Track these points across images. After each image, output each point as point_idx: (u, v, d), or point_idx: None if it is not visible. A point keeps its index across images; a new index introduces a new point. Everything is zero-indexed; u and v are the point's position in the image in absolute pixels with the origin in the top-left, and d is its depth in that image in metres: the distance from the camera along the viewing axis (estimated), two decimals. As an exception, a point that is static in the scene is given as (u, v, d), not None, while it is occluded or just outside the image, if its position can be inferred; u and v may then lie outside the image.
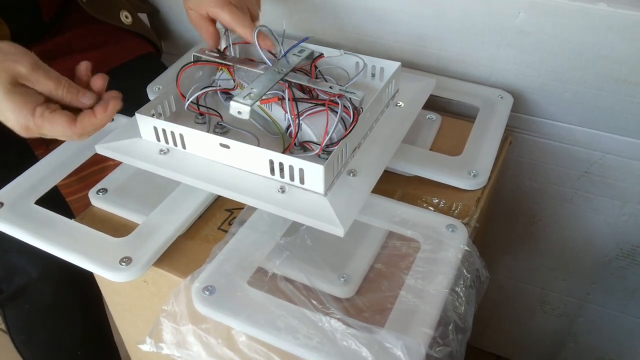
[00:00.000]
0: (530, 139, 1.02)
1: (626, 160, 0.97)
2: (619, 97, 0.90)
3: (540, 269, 1.21)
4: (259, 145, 0.67)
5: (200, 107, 0.77)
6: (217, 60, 0.79)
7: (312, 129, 0.71)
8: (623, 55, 0.85)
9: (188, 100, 0.76)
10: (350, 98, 0.71)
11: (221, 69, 0.81)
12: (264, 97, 0.70)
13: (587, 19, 0.84)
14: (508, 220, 1.16)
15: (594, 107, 0.93)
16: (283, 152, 0.68)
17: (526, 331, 1.36)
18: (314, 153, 0.70)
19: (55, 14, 0.99)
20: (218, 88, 0.80)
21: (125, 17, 1.05)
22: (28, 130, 0.60)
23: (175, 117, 0.79)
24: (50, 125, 0.61)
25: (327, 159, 0.65)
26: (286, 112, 0.71)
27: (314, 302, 0.63)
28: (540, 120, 0.99)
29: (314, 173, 0.64)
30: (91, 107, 0.66)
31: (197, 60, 0.80)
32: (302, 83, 0.75)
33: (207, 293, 0.63)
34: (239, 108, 0.67)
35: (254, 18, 0.83)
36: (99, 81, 0.68)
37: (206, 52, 0.81)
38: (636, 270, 1.11)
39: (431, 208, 0.77)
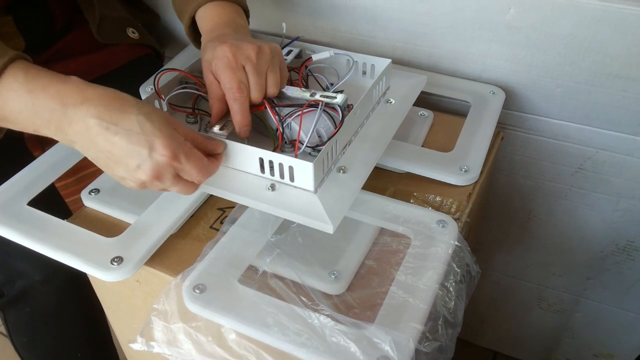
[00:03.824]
0: (523, 136, 1.02)
1: (620, 156, 0.97)
2: (611, 92, 0.90)
3: (536, 265, 1.21)
4: (248, 144, 0.67)
5: (183, 107, 0.78)
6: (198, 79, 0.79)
7: (302, 127, 0.71)
8: (614, 49, 0.85)
9: (165, 99, 0.76)
10: (327, 104, 0.72)
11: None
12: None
13: (578, 14, 0.84)
14: (503, 217, 1.16)
15: (586, 102, 0.93)
16: (273, 151, 0.68)
17: (523, 327, 1.36)
18: (300, 151, 0.70)
19: (66, 23, 1.00)
20: (194, 90, 0.80)
21: (132, 33, 1.05)
22: (174, 158, 0.60)
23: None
24: (195, 158, 0.62)
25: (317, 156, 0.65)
26: (274, 114, 0.71)
27: (303, 299, 0.63)
28: (533, 117, 0.99)
29: (304, 170, 0.64)
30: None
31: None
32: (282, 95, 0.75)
33: (198, 291, 0.64)
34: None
35: (271, 88, 0.72)
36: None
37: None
38: (632, 266, 1.11)
39: (423, 204, 0.77)
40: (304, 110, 0.71)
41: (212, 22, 0.80)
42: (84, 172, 0.94)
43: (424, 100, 0.97)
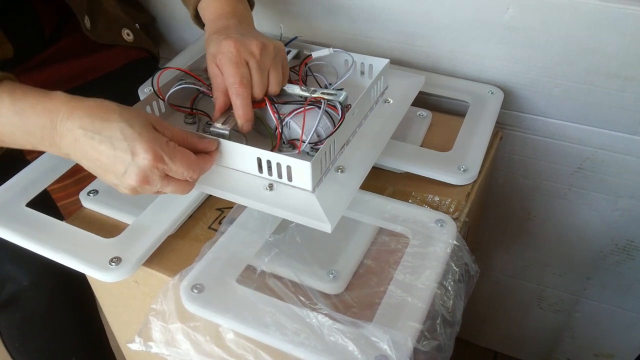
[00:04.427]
0: (521, 136, 1.02)
1: (619, 156, 0.97)
2: (609, 91, 0.90)
3: (536, 265, 1.21)
4: (246, 144, 0.67)
5: (182, 107, 0.78)
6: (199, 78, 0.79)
7: (301, 127, 0.71)
8: (612, 49, 0.85)
9: (166, 96, 0.76)
10: (328, 100, 0.72)
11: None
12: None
13: (576, 14, 0.84)
14: (502, 217, 1.16)
15: (584, 102, 0.93)
16: (271, 150, 0.68)
17: (523, 327, 1.36)
18: (302, 148, 0.70)
19: (56, 27, 0.99)
20: (188, 84, 0.79)
21: (127, 35, 1.05)
22: (158, 159, 0.60)
23: (165, 118, 0.79)
24: (182, 156, 0.62)
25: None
26: (274, 112, 0.71)
27: (302, 298, 0.63)
28: (531, 117, 0.99)
29: (302, 170, 0.64)
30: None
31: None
32: (282, 93, 0.75)
33: (196, 291, 0.64)
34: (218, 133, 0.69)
35: (273, 86, 0.73)
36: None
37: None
38: (631, 265, 1.10)
39: (422, 204, 0.77)
40: (306, 108, 0.71)
41: (216, 12, 0.81)
42: (82, 173, 0.94)
43: (423, 101, 0.98)
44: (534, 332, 1.36)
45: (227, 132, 0.69)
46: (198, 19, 0.87)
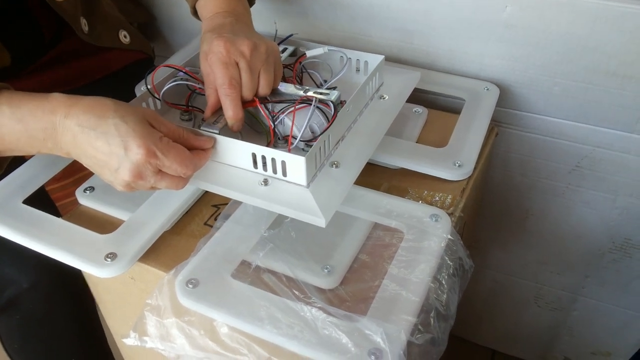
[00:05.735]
0: (519, 134, 1.02)
1: (617, 154, 0.97)
2: (608, 90, 0.90)
3: (534, 263, 1.21)
4: (241, 140, 0.67)
5: (177, 104, 0.78)
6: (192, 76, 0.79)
7: (295, 123, 0.71)
8: (612, 47, 0.85)
9: (161, 93, 0.76)
10: (320, 100, 0.72)
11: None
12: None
13: (575, 12, 0.84)
14: (500, 215, 1.16)
15: (583, 100, 0.93)
16: (266, 146, 0.69)
17: (521, 325, 1.36)
18: (293, 146, 0.70)
19: (55, 32, 1.00)
20: (183, 81, 0.79)
21: (124, 37, 1.05)
22: (150, 154, 0.60)
23: (160, 115, 0.79)
24: (176, 152, 0.62)
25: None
26: (263, 111, 0.71)
27: (296, 292, 0.63)
28: (530, 115, 0.99)
29: (296, 165, 0.64)
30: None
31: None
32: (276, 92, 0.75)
33: (191, 286, 0.64)
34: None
35: (263, 88, 0.72)
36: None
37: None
38: (629, 263, 1.10)
39: (417, 199, 0.77)
40: (297, 107, 0.71)
41: (213, 11, 0.81)
42: (81, 173, 0.94)
43: (419, 98, 0.98)
44: (532, 330, 1.35)
45: (217, 132, 0.69)
46: (197, 15, 0.87)
